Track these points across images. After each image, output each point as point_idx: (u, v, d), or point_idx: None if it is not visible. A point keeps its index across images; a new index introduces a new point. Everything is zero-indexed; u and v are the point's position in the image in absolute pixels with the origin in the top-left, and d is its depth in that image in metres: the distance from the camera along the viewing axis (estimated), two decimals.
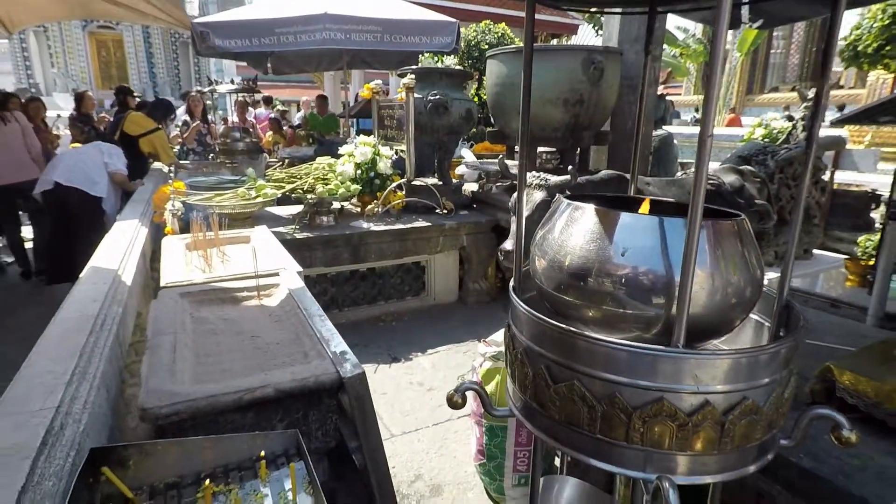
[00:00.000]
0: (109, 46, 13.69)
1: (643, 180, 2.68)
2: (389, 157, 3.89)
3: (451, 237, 3.88)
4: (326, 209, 3.64)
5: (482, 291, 4.11)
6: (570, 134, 4.25)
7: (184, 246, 2.68)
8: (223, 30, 5.13)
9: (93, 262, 2.23)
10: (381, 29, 5.24)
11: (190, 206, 3.12)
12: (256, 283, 1.98)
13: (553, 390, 0.89)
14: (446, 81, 3.90)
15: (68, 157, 4.20)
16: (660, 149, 5.09)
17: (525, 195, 2.39)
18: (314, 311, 1.73)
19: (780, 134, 5.35)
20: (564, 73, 3.99)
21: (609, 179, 2.47)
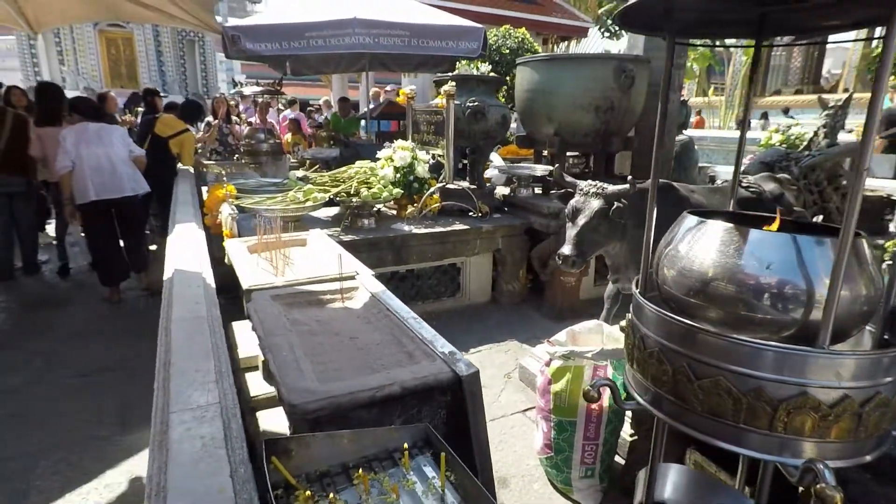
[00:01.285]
0: (119, 45, 13.70)
1: (687, 188, 2.80)
2: (427, 161, 4.00)
3: (487, 240, 4.00)
4: (368, 212, 3.74)
5: (514, 292, 4.23)
6: (599, 140, 4.38)
7: (246, 248, 2.78)
8: (254, 33, 5.21)
9: (173, 264, 2.32)
10: (408, 33, 5.34)
11: (242, 209, 3.21)
12: (340, 286, 2.09)
13: (696, 385, 1.01)
14: (483, 88, 4.02)
15: (103, 168, 3.97)
16: (681, 153, 5.21)
17: (582, 202, 2.51)
18: (407, 314, 1.84)
19: (798, 140, 5.49)
20: (596, 81, 4.11)
21: (658, 188, 2.58)
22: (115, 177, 4.03)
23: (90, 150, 3.93)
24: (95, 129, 4.10)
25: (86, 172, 3.89)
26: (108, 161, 4.02)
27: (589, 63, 4.17)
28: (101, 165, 3.98)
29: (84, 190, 3.90)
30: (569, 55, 6.05)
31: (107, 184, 3.98)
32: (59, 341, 3.52)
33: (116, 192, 4.03)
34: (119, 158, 4.11)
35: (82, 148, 3.90)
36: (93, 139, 4.00)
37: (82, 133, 3.98)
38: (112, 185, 4.01)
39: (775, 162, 4.38)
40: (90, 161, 3.92)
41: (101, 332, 3.66)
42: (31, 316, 3.98)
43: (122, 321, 3.89)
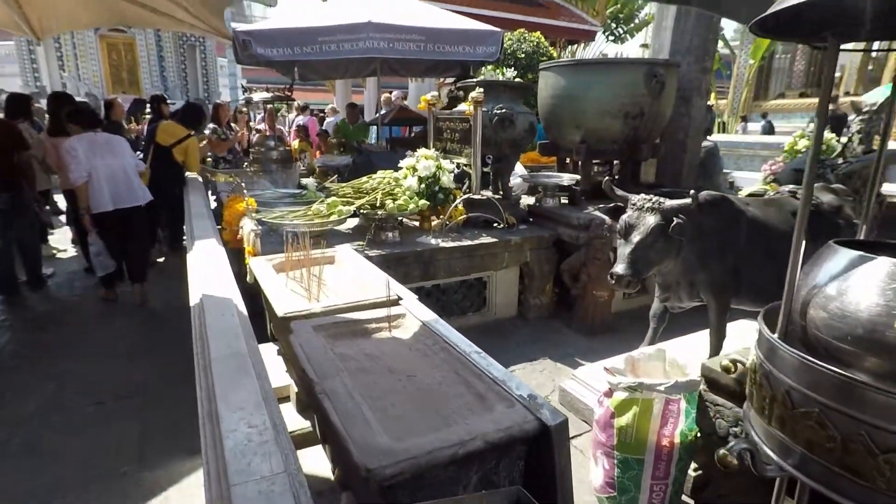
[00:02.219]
0: (120, 50, 13.51)
1: (742, 200, 2.65)
2: (451, 170, 3.83)
3: (515, 252, 3.83)
4: (392, 225, 3.57)
5: (542, 307, 4.06)
6: (627, 146, 4.22)
7: (272, 267, 2.61)
8: (265, 38, 5.05)
9: (199, 287, 2.15)
10: (424, 38, 5.19)
11: (265, 224, 3.04)
12: (388, 312, 1.91)
13: (882, 459, 0.84)
14: (509, 94, 3.86)
15: (118, 178, 4.00)
16: (706, 160, 5.07)
17: (636, 217, 2.35)
18: (468, 347, 1.66)
19: (827, 146, 5.35)
20: (626, 86, 3.97)
21: (714, 201, 2.43)
22: (129, 186, 4.10)
23: (104, 161, 3.95)
24: (104, 139, 4.11)
25: (102, 182, 3.92)
26: (123, 171, 4.07)
27: (619, 68, 4.02)
28: (116, 175, 4.02)
29: (101, 199, 3.92)
30: (597, 60, 5.90)
31: (122, 193, 4.04)
32: (71, 361, 3.33)
33: (131, 200, 4.10)
34: (131, 168, 4.17)
35: (96, 159, 3.91)
36: (105, 150, 4.02)
37: (92, 143, 3.96)
38: (127, 194, 4.07)
39: None
40: (105, 171, 3.93)
41: (115, 352, 3.47)
42: (39, 334, 3.78)
43: (133, 337, 3.70)
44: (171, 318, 4.05)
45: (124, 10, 5.67)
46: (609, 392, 2.04)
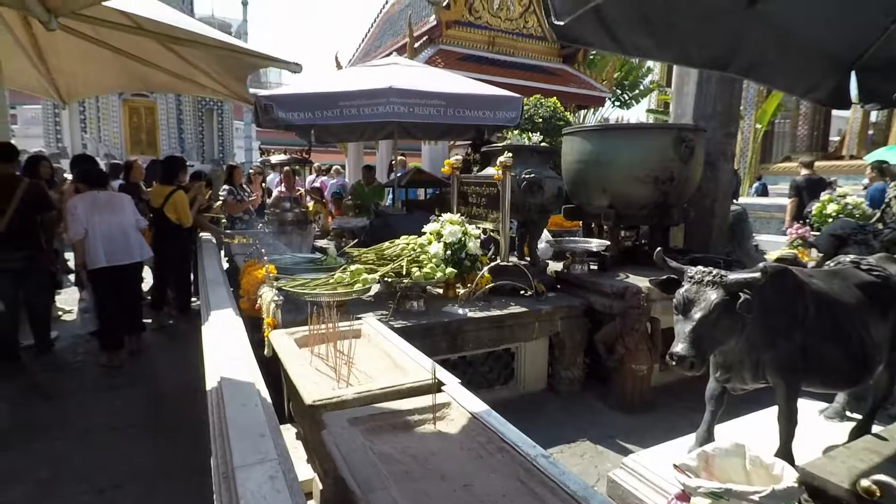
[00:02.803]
0: (141, 113, 13.98)
1: (804, 272, 2.46)
2: (477, 236, 3.69)
3: (546, 322, 3.62)
4: (416, 293, 3.39)
5: (574, 380, 3.80)
6: (657, 212, 4.10)
7: (294, 342, 2.41)
8: (287, 103, 5.09)
9: (216, 368, 1.94)
10: (444, 103, 5.22)
11: (285, 293, 2.86)
12: (432, 400, 1.69)
13: None
14: (536, 158, 3.79)
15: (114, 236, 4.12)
16: (735, 224, 4.94)
17: (695, 292, 2.16)
18: (531, 448, 1.43)
19: (856, 209, 5.24)
20: (655, 151, 3.90)
21: (776, 273, 2.24)
22: (126, 243, 4.20)
23: (102, 218, 4.08)
24: (105, 197, 4.30)
25: (98, 240, 4.03)
26: (120, 228, 4.19)
27: (647, 133, 3.98)
28: (113, 232, 4.13)
29: (95, 256, 4.02)
30: (625, 125, 5.95)
31: (118, 250, 4.13)
32: (67, 441, 3.06)
33: (126, 258, 4.19)
34: (129, 225, 4.29)
35: (95, 216, 4.05)
36: (104, 207, 4.17)
37: (93, 202, 4.13)
38: (123, 251, 4.17)
39: (849, 234, 4.07)
40: (102, 229, 4.06)
41: (117, 430, 3.20)
42: (36, 408, 3.53)
43: (138, 414, 3.44)
44: (178, 391, 3.79)
45: (148, 76, 5.80)
46: (685, 496, 1.77)
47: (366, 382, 2.03)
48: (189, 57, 5.22)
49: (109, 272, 4.05)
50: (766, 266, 2.02)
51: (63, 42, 5.16)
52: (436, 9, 9.38)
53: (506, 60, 10.29)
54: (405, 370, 2.13)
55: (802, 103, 16.92)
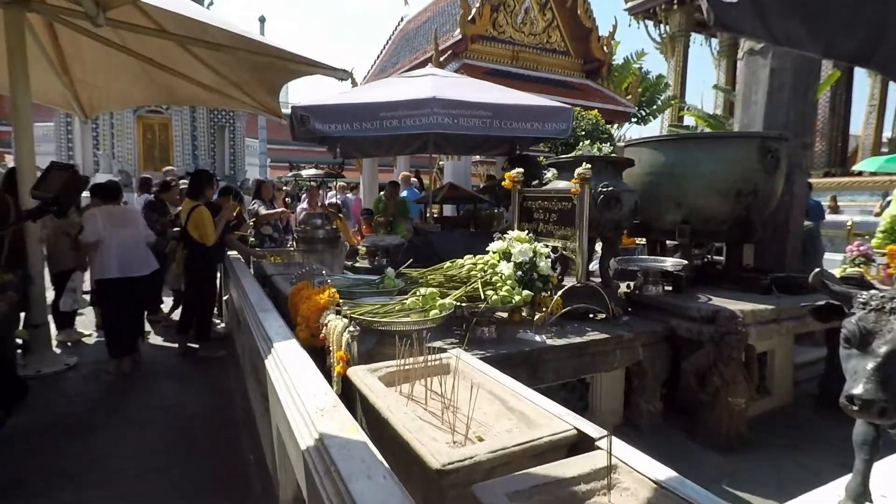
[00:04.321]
0: (155, 129, 13.77)
1: None
2: (548, 255, 3.35)
3: (627, 350, 3.26)
4: (488, 319, 3.03)
5: (655, 413, 3.42)
6: (737, 228, 3.77)
7: (379, 381, 2.05)
8: (325, 114, 4.81)
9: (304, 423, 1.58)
10: (490, 114, 4.94)
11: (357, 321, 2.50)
12: (608, 465, 1.32)
13: None
14: (611, 170, 3.47)
15: (129, 248, 4.26)
16: (806, 241, 4.60)
17: (876, 321, 1.80)
18: None
19: None
20: (737, 162, 3.58)
21: None
22: (137, 256, 4.31)
23: (117, 231, 4.21)
24: (121, 211, 4.53)
25: (112, 251, 4.14)
26: (134, 242, 4.33)
27: (729, 142, 3.67)
28: (128, 245, 4.26)
29: (108, 266, 4.12)
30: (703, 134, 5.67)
31: (131, 263, 4.24)
32: (89, 487, 2.67)
33: (137, 270, 4.29)
34: (142, 238, 4.45)
35: (111, 229, 4.18)
36: (120, 221, 4.32)
37: (110, 215, 4.29)
38: (135, 264, 4.28)
39: None
40: (117, 241, 4.18)
41: (143, 477, 2.81)
42: (51, 448, 3.13)
43: (165, 456, 3.05)
44: (213, 429, 3.42)
45: (176, 88, 5.55)
46: None
47: (489, 435, 1.67)
48: (219, 66, 4.96)
49: (119, 283, 4.15)
50: None
51: (88, 50, 4.92)
52: (461, 23, 9.19)
53: (529, 75, 10.09)
54: (526, 416, 1.77)
55: (819, 120, 16.85)
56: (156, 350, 5.01)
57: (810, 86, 4.28)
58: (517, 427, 1.75)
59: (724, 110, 19.86)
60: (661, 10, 17.82)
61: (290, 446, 1.72)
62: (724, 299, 3.51)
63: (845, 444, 3.39)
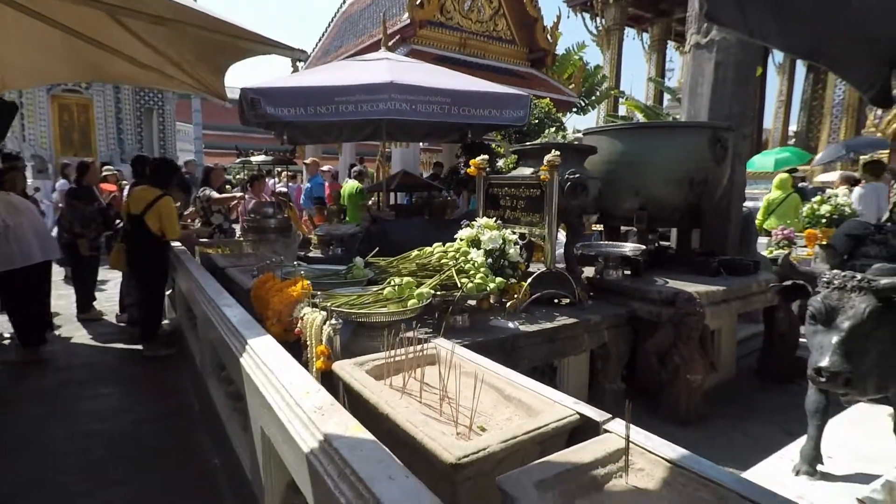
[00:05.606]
0: (73, 110, 12.45)
1: None
2: (516, 241, 3.38)
3: (594, 333, 3.35)
4: (461, 307, 3.02)
5: (618, 393, 3.55)
6: (689, 214, 3.97)
7: (367, 374, 1.98)
8: (277, 98, 4.57)
9: (303, 425, 1.49)
10: (449, 101, 4.88)
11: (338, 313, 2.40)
12: (625, 455, 1.34)
13: None
14: (577, 158, 3.53)
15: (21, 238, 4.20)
16: (743, 227, 4.93)
17: (838, 299, 1.95)
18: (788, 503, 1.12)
19: (846, 208, 5.41)
20: (691, 152, 3.75)
21: None
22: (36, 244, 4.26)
23: (17, 220, 4.18)
24: (18, 200, 4.43)
25: (12, 241, 4.10)
26: (32, 230, 4.29)
27: (683, 132, 3.83)
28: (25, 235, 4.21)
29: (10, 258, 4.08)
30: (660, 123, 5.84)
31: (29, 252, 4.19)
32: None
33: (36, 257, 4.23)
34: (37, 225, 4.45)
35: (9, 217, 4.14)
36: (16, 210, 4.26)
37: (8, 203, 4.26)
38: (34, 251, 4.23)
39: (866, 235, 4.09)
40: (15, 232, 4.13)
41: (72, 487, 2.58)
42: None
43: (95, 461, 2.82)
44: (168, 435, 3.19)
45: (105, 64, 5.04)
46: None
47: (490, 425, 1.66)
48: (157, 42, 4.56)
49: (21, 272, 4.12)
50: None
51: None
52: (409, 7, 9.00)
53: (477, 63, 10.08)
54: (525, 404, 1.77)
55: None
56: (94, 352, 4.61)
57: (750, 80, 4.55)
58: (517, 415, 1.75)
59: (654, 101, 20.92)
60: (597, 4, 18.36)
61: (283, 449, 1.62)
62: (678, 282, 3.70)
63: (783, 413, 3.69)
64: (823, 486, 2.31)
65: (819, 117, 17.09)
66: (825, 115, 16.88)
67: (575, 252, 3.63)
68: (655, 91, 20.77)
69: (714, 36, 4.36)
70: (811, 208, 5.58)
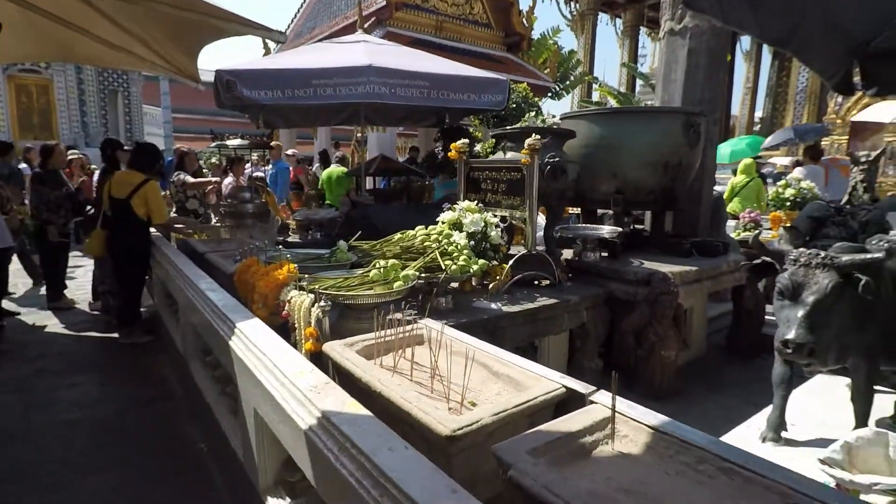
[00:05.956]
0: (32, 91, 11.85)
1: None
2: (496, 223, 3.44)
3: (574, 313, 3.45)
4: (444, 289, 3.07)
5: (596, 371, 3.67)
6: (663, 197, 4.09)
7: (357, 354, 2.02)
8: (253, 80, 4.49)
9: (301, 404, 1.52)
10: (428, 84, 4.88)
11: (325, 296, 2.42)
12: (612, 416, 1.42)
13: None
14: (556, 142, 3.59)
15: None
16: (713, 210, 5.10)
17: (804, 275, 2.07)
18: (774, 469, 1.21)
19: (809, 191, 5.64)
20: (666, 136, 3.86)
21: None
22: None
23: None
24: None
25: None
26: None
27: (659, 116, 3.94)
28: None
29: None
30: (637, 108, 5.93)
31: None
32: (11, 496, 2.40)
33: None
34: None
35: None
36: None
37: None
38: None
39: (827, 217, 4.30)
40: None
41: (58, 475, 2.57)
42: None
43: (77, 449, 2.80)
44: (152, 422, 3.18)
45: (72, 44, 4.86)
46: (839, 488, 1.67)
47: (480, 400, 1.72)
48: (126, 22, 4.41)
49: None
50: (892, 246, 1.97)
51: None
52: None
53: (454, 46, 10.03)
54: (514, 380, 1.84)
55: None
56: (69, 340, 4.51)
57: (721, 66, 4.67)
58: (505, 390, 1.82)
59: (627, 87, 21.18)
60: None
61: (279, 429, 1.66)
62: (653, 263, 3.82)
63: (750, 386, 3.88)
64: (787, 450, 2.47)
65: (783, 104, 17.60)
66: (789, 102, 17.40)
67: (554, 234, 3.71)
68: (628, 76, 21.03)
69: (688, 23, 4.45)
70: (776, 192, 5.79)
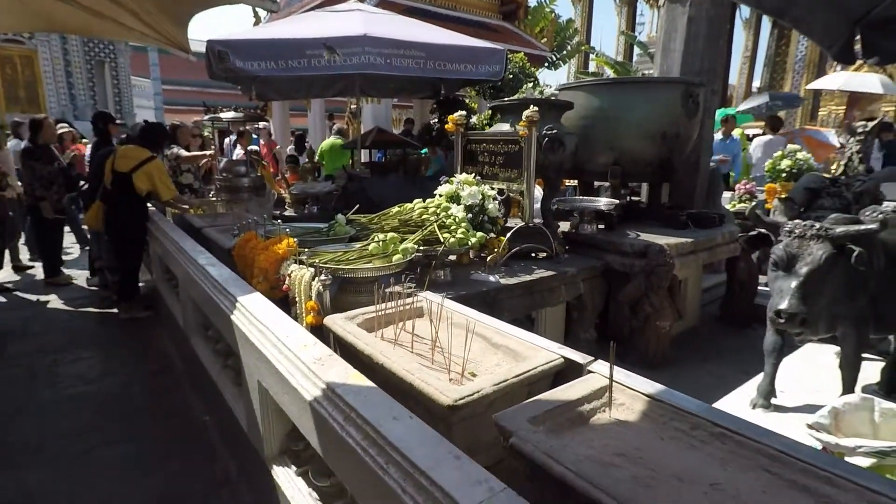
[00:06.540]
0: (16, 64, 11.52)
1: None
2: (495, 197, 3.44)
3: (570, 286, 3.49)
4: (442, 262, 3.09)
5: (592, 341, 3.74)
6: (661, 168, 4.09)
7: (358, 328, 2.05)
8: (246, 50, 4.39)
9: (305, 375, 1.56)
10: (424, 55, 4.79)
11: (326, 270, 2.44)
12: (609, 385, 1.46)
13: None
14: (554, 113, 3.56)
15: None
16: (709, 181, 5.10)
17: (798, 246, 2.10)
18: (763, 433, 1.26)
19: (804, 162, 5.64)
20: (665, 107, 3.84)
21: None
22: None
23: None
24: None
25: None
26: None
27: (657, 87, 3.90)
28: None
29: None
30: (635, 79, 5.85)
31: None
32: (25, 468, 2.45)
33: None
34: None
35: None
36: None
37: None
38: None
39: (822, 188, 4.31)
40: None
41: (68, 449, 2.62)
42: None
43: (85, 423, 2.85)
44: (155, 395, 3.23)
45: (55, 13, 4.72)
46: (826, 452, 1.73)
47: (480, 370, 1.76)
48: None
49: None
50: (885, 217, 2.00)
51: None
52: None
53: (448, 14, 9.80)
54: (513, 351, 1.88)
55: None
56: (69, 317, 4.53)
57: (721, 35, 4.60)
58: (504, 361, 1.86)
59: (624, 56, 20.83)
60: None
61: (283, 400, 1.69)
62: (650, 234, 3.85)
63: (742, 355, 3.95)
64: (777, 416, 2.55)
65: (782, 73, 17.39)
66: (787, 71, 17.18)
67: (551, 207, 3.72)
68: (625, 46, 20.65)
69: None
70: (772, 163, 5.79)
